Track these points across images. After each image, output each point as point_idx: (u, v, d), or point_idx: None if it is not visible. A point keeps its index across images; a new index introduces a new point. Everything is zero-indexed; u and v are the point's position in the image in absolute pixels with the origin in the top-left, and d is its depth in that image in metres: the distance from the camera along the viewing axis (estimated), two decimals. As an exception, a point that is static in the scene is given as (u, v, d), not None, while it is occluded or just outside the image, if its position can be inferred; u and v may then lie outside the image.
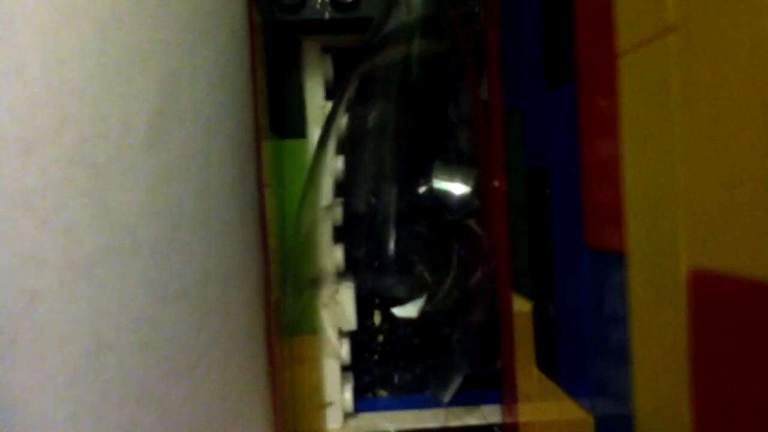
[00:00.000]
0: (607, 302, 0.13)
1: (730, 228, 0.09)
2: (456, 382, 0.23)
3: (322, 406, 0.23)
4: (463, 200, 0.22)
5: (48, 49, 0.13)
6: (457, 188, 0.22)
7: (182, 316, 0.15)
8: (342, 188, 0.23)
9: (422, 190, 0.23)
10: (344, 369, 0.24)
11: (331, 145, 0.23)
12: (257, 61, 0.19)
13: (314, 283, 0.23)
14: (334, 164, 0.23)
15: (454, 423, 0.23)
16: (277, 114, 0.23)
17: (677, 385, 0.10)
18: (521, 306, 0.20)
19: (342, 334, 0.23)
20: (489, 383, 0.24)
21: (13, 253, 0.13)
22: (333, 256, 0.23)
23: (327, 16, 0.23)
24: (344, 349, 0.23)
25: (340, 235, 0.23)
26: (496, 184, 0.22)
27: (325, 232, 0.23)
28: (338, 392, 0.23)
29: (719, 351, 0.09)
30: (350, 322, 0.23)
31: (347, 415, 0.24)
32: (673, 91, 0.10)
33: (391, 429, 0.23)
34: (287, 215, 0.23)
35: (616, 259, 0.12)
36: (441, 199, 0.23)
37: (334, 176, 0.23)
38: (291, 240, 0.23)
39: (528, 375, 0.19)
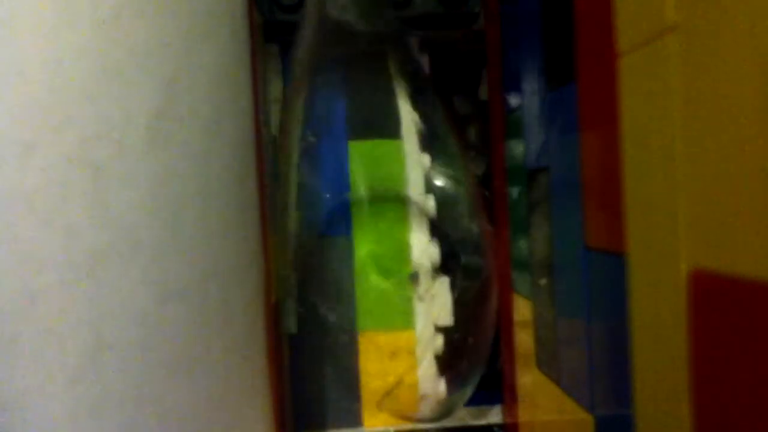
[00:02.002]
0: (607, 302, 0.13)
1: (730, 228, 0.09)
2: (470, 389, 0.23)
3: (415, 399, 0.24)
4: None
5: (48, 49, 0.13)
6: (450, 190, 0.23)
7: (182, 316, 0.15)
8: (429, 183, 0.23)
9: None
10: (437, 363, 0.24)
11: (413, 140, 0.23)
12: (257, 61, 0.19)
13: (411, 278, 0.23)
14: (421, 159, 0.23)
15: (454, 423, 0.23)
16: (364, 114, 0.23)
17: (677, 385, 0.10)
18: (521, 306, 0.20)
19: (437, 328, 0.23)
20: (489, 383, 0.24)
21: (13, 253, 0.13)
22: (428, 251, 0.23)
23: (327, 16, 0.23)
24: (438, 343, 0.23)
25: (434, 229, 0.23)
26: (496, 184, 0.22)
27: (416, 227, 0.23)
28: (433, 386, 0.23)
29: (719, 351, 0.09)
30: (446, 317, 0.23)
31: None
32: (673, 91, 0.10)
33: (391, 429, 0.23)
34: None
35: (616, 259, 0.12)
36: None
37: (422, 171, 0.23)
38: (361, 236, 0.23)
39: (528, 375, 0.19)
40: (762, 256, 0.08)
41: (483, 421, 0.23)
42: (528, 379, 0.19)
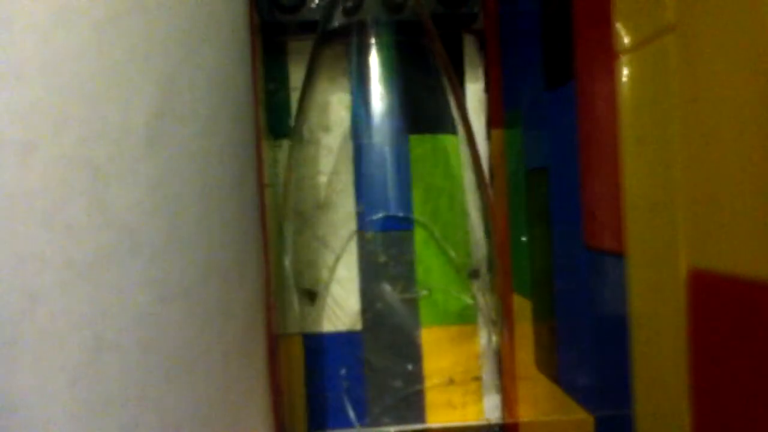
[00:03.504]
0: (606, 302, 0.13)
1: (729, 228, 0.09)
2: None
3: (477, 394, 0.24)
4: None
5: (48, 49, 0.13)
6: None
7: (182, 316, 0.15)
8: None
9: None
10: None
11: (463, 134, 0.23)
12: (257, 61, 0.19)
13: (470, 273, 0.23)
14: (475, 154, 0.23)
15: (455, 423, 0.23)
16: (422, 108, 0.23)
17: (677, 385, 0.10)
18: (521, 306, 0.20)
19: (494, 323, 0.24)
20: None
21: (14, 253, 0.13)
22: (486, 248, 0.23)
23: (327, 16, 0.23)
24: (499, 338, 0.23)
25: (489, 227, 0.24)
26: (496, 184, 0.22)
27: (473, 222, 0.23)
28: (496, 382, 0.24)
29: (719, 351, 0.09)
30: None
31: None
32: (672, 90, 0.10)
33: (392, 429, 0.23)
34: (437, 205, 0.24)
35: (616, 259, 0.12)
36: None
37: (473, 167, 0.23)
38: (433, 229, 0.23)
39: (528, 375, 0.19)
40: (761, 256, 0.08)
41: (483, 421, 0.23)
42: (528, 379, 0.19)
